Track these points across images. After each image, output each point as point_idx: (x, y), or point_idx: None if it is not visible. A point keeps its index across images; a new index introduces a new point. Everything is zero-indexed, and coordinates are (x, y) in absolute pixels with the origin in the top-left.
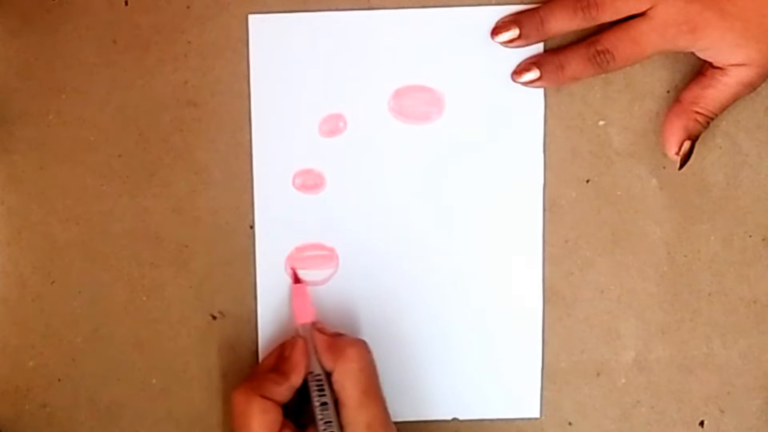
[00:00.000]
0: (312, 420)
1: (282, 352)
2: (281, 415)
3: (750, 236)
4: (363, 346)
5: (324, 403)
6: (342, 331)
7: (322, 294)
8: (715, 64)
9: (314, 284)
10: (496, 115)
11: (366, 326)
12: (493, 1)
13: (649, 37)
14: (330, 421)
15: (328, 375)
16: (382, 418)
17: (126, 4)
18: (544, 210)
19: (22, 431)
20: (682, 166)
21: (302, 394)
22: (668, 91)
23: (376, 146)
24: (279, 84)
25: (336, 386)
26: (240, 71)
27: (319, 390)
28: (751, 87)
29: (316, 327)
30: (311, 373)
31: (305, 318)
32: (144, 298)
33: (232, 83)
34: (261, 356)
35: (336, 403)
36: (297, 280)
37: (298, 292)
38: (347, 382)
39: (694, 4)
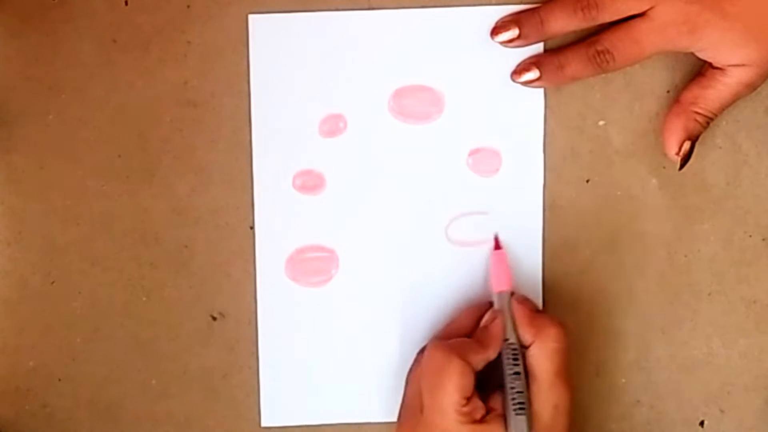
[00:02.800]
0: (496, 389)
1: (476, 318)
2: (475, 381)
3: (750, 236)
4: (563, 327)
5: (517, 373)
6: (345, 331)
7: (322, 296)
8: (715, 64)
9: (314, 286)
10: (496, 115)
11: (366, 327)
12: (493, 1)
13: (649, 37)
14: (521, 392)
15: (522, 347)
16: (568, 402)
17: (126, 4)
18: (544, 210)
19: (22, 431)
20: (682, 166)
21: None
22: (668, 91)
23: (376, 146)
24: (279, 84)
25: (531, 360)
26: (240, 71)
27: (514, 359)
28: (751, 87)
29: (516, 298)
30: (506, 340)
31: (503, 286)
32: (144, 299)
33: (232, 83)
34: (261, 356)
35: (526, 376)
36: (497, 246)
37: (497, 259)
38: (544, 359)
39: (693, 5)
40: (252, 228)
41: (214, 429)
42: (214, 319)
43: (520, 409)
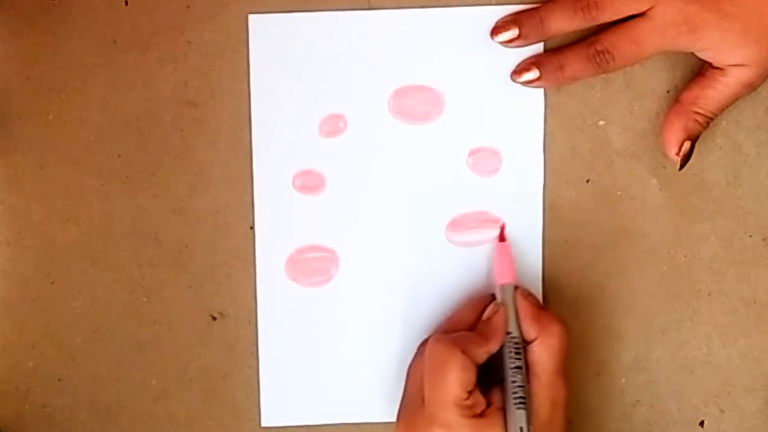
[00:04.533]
0: (496, 383)
1: (478, 311)
2: (476, 375)
3: (750, 236)
4: (565, 326)
5: (518, 367)
6: (345, 331)
7: (322, 296)
8: (715, 64)
9: (314, 286)
10: (496, 115)
11: (366, 327)
12: (493, 1)
13: (648, 37)
14: (522, 386)
15: (524, 342)
16: (565, 400)
17: (126, 4)
18: (544, 210)
19: (22, 431)
20: (682, 166)
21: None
22: (668, 91)
23: (376, 146)
24: (279, 84)
25: (532, 356)
26: (240, 71)
27: (516, 353)
28: (751, 87)
29: (521, 292)
30: (509, 333)
31: (506, 279)
32: (144, 299)
33: (232, 83)
34: (261, 357)
35: (526, 371)
36: (502, 237)
37: (501, 251)
38: (546, 356)
39: (693, 5)
40: (252, 228)
41: (214, 429)
42: (214, 319)
43: (521, 403)
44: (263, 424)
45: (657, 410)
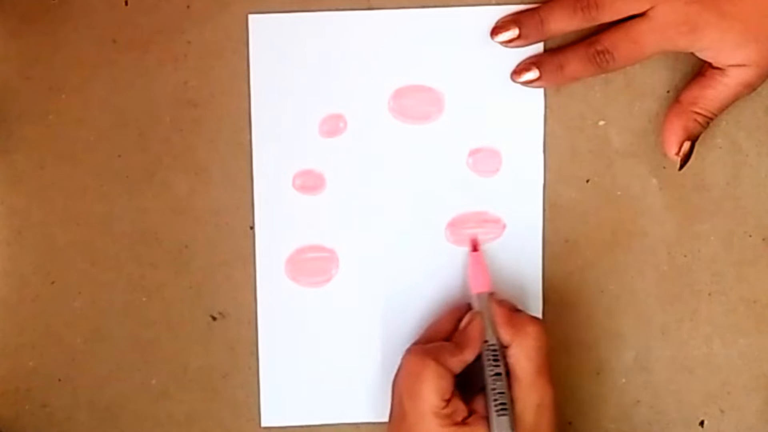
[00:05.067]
0: (479, 391)
1: (455, 321)
2: (454, 384)
3: (750, 236)
4: (542, 325)
5: (498, 374)
6: (346, 331)
7: (322, 296)
8: (715, 64)
9: (314, 286)
10: (496, 115)
11: (366, 327)
12: (493, 1)
13: (648, 37)
14: (503, 392)
15: (502, 347)
16: (551, 400)
17: (126, 4)
18: (544, 210)
19: (22, 431)
20: (682, 166)
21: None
22: (668, 91)
23: (376, 146)
24: (279, 84)
25: (511, 360)
26: (240, 71)
27: (495, 360)
28: (751, 87)
29: (495, 299)
30: (486, 342)
31: (481, 287)
32: (144, 299)
33: (232, 83)
34: (261, 357)
35: (507, 377)
36: (475, 247)
37: (475, 260)
38: (524, 358)
39: (693, 5)
40: (252, 228)
41: (214, 429)
42: (214, 319)
43: (503, 410)
44: (263, 424)
45: (657, 410)
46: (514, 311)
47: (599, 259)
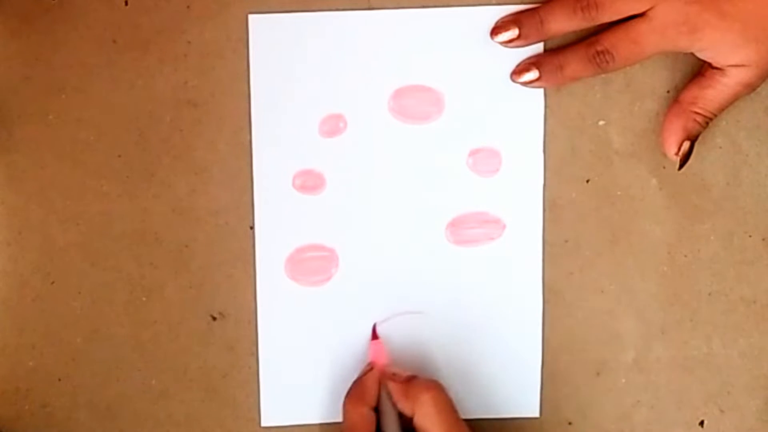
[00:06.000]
0: None
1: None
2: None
3: (750, 236)
4: (437, 389)
5: None
6: (346, 331)
7: (322, 296)
8: (714, 64)
9: (314, 285)
10: (496, 115)
11: (366, 327)
12: (493, 1)
13: (648, 37)
14: None
15: (409, 419)
16: None
17: (126, 4)
18: (544, 210)
19: (22, 431)
20: (681, 166)
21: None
22: (668, 91)
23: (376, 146)
24: (279, 84)
25: (419, 430)
26: (240, 71)
27: None
28: (750, 87)
29: (388, 375)
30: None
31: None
32: (144, 299)
33: (232, 83)
34: (261, 357)
35: None
36: (375, 336)
37: (375, 348)
38: (429, 426)
39: (693, 5)
40: (252, 228)
41: (214, 429)
42: (214, 319)
43: None
44: (263, 424)
45: (657, 410)
46: (408, 381)
47: (599, 259)
